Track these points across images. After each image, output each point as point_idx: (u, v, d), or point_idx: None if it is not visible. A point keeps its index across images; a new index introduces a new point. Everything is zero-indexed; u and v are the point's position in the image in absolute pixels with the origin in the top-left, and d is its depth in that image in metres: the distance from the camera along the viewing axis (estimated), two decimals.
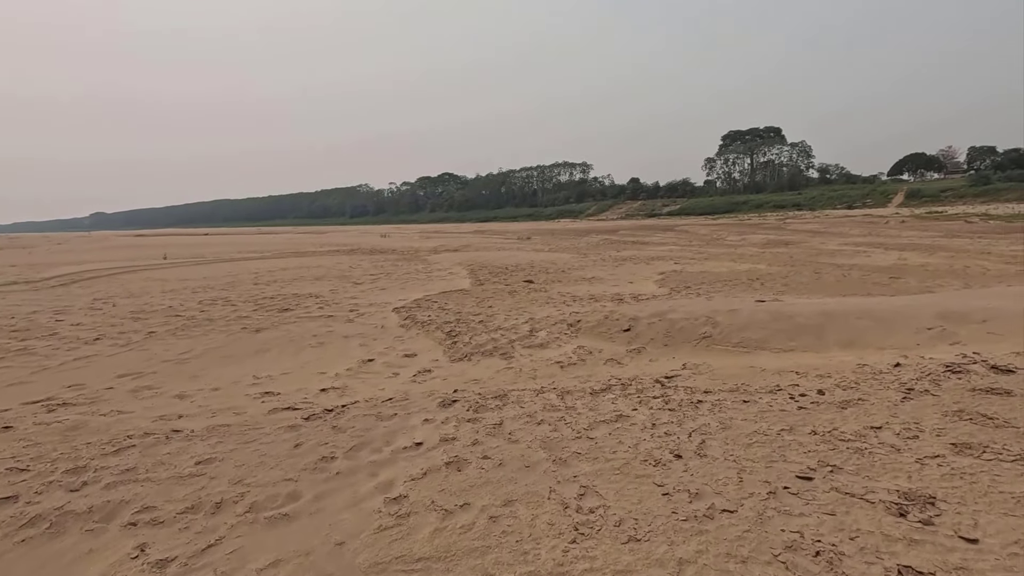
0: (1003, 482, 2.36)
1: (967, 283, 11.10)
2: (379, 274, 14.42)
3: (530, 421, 3.60)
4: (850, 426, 3.10)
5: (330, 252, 25.00)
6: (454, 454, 3.13)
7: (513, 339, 6.89)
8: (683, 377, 4.77)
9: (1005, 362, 4.06)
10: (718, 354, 5.83)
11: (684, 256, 18.81)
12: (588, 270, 14.97)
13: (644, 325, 6.71)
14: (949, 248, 20.00)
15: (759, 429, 3.15)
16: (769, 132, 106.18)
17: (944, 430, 2.92)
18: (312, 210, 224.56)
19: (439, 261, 18.32)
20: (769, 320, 6.12)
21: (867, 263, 15.17)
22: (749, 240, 31.24)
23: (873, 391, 3.70)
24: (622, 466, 2.81)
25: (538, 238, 38.21)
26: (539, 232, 52.27)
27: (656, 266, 15.81)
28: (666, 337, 6.38)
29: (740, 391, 4.00)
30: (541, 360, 6.06)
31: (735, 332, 6.09)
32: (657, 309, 7.04)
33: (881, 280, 11.63)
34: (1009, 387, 3.49)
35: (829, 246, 23.50)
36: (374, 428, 3.70)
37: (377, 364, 6.24)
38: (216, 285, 12.15)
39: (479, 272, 14.55)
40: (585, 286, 11.85)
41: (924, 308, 5.56)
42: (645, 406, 3.78)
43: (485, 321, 7.82)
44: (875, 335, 5.41)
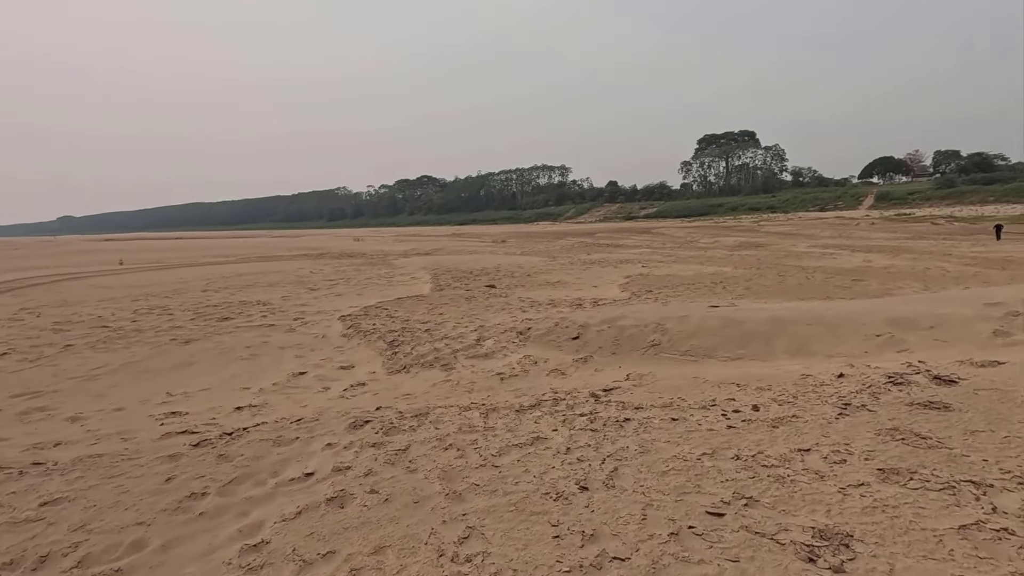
0: (926, 516, 2.11)
1: (926, 285, 11.11)
2: (339, 279, 13.95)
3: (439, 446, 3.27)
4: (777, 448, 2.84)
5: (297, 256, 24.37)
6: (341, 487, 2.78)
7: (458, 349, 6.56)
8: (621, 390, 4.49)
9: (948, 372, 3.86)
10: (665, 363, 5.57)
11: (653, 259, 18.70)
12: (555, 274, 14.72)
13: (593, 333, 6.43)
14: (913, 250, 20.25)
15: (680, 453, 2.87)
16: (744, 136, 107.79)
17: (874, 453, 2.67)
18: (289, 213, 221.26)
19: (405, 265, 17.90)
20: (719, 327, 5.89)
21: (832, 265, 15.20)
22: (721, 242, 31.44)
23: (809, 406, 3.46)
24: (520, 501, 2.49)
25: (513, 241, 37.97)
26: (516, 235, 52.05)
27: (624, 269, 15.63)
28: (614, 345, 6.11)
29: (673, 407, 3.73)
30: (482, 371, 5.74)
31: (684, 340, 5.85)
32: (608, 316, 6.77)
33: (843, 283, 11.59)
34: (948, 400, 3.28)
35: (798, 248, 23.68)
36: (267, 456, 3.33)
37: (308, 377, 5.84)
38: (161, 292, 11.57)
39: (442, 277, 14.19)
40: (548, 291, 11.58)
41: (874, 314, 5.39)
42: (568, 426, 3.48)
43: (432, 330, 7.47)
44: (824, 343, 5.21)
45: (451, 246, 31.43)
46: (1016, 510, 2.11)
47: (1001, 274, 12.40)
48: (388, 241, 43.30)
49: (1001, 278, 11.79)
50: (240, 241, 54.61)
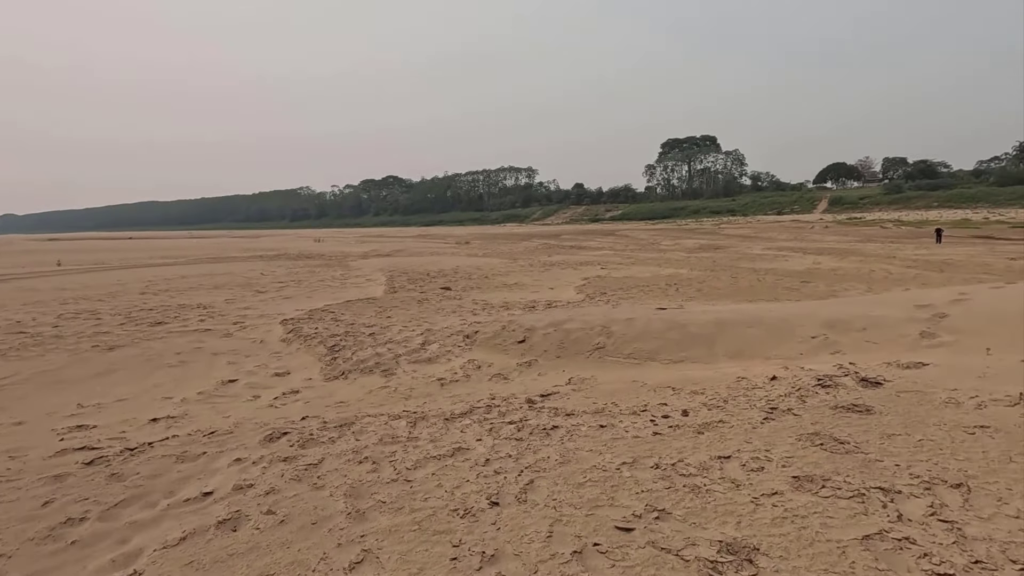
0: (833, 526, 2.06)
1: (870, 286, 11.48)
2: (289, 282, 13.49)
3: (354, 459, 3.09)
4: (699, 456, 2.77)
5: (251, 258, 23.58)
6: (237, 508, 2.57)
7: (401, 353, 6.35)
8: (559, 395, 4.39)
9: (875, 373, 3.91)
10: (609, 366, 5.52)
11: (613, 261, 18.82)
12: (513, 276, 14.62)
13: (540, 336, 6.34)
14: (861, 252, 21.02)
15: (601, 463, 2.77)
16: (705, 140, 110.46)
17: (792, 459, 2.63)
18: (250, 214, 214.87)
19: (362, 267, 17.49)
20: (663, 330, 5.88)
21: (784, 267, 15.60)
22: (682, 245, 32.02)
23: (738, 411, 3.42)
24: (425, 519, 2.34)
25: (478, 243, 37.77)
26: (481, 236, 51.83)
27: (583, 271, 15.66)
28: (560, 348, 6.03)
29: (604, 413, 3.64)
30: (423, 377, 5.57)
31: (628, 343, 5.81)
32: (555, 319, 6.69)
33: (792, 284, 11.87)
34: (871, 403, 3.29)
35: (754, 250, 24.28)
36: (165, 473, 3.07)
37: (239, 385, 5.54)
38: (94, 295, 10.92)
39: (397, 278, 13.90)
40: (503, 293, 11.46)
41: (811, 316, 5.46)
42: (493, 435, 3.35)
43: (377, 334, 7.24)
44: (763, 345, 5.25)
45: (413, 247, 31.01)
46: (920, 517, 2.08)
47: (939, 276, 12.94)
48: (350, 242, 42.45)
49: (938, 280, 12.30)
50: (195, 242, 52.67)
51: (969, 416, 2.97)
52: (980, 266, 14.63)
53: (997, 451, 2.55)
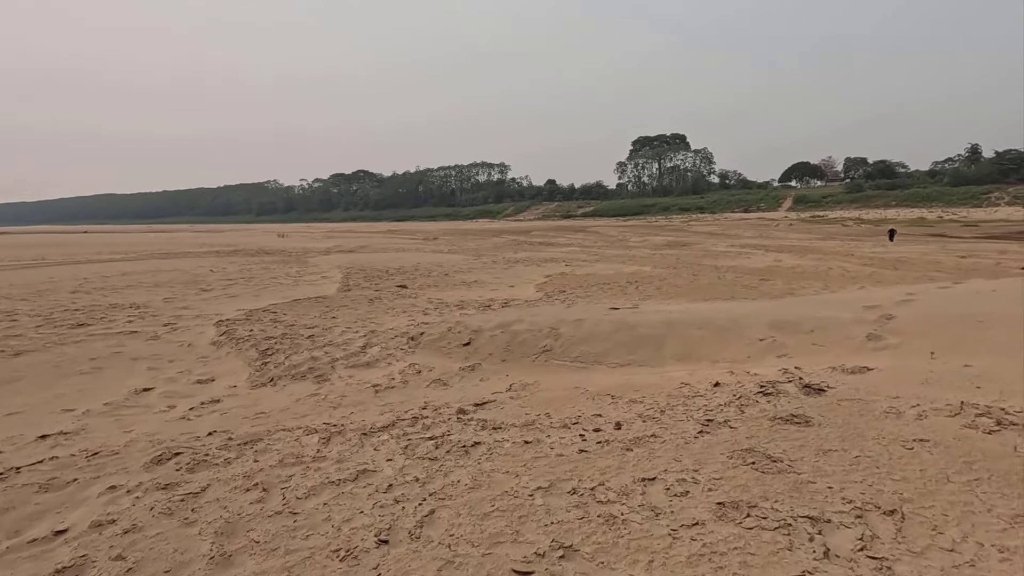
0: (753, 564, 1.83)
1: (826, 284, 11.57)
2: (239, 279, 12.87)
3: (243, 485, 2.74)
4: (622, 478, 2.52)
5: (206, 253, 22.62)
6: (84, 552, 2.20)
7: (338, 357, 5.98)
8: (493, 405, 4.11)
9: (819, 379, 3.74)
10: (554, 370, 5.27)
11: (579, 258, 18.67)
12: (475, 273, 14.29)
13: (486, 338, 6.04)
14: (821, 250, 21.40)
15: (514, 488, 2.49)
16: (675, 138, 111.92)
17: (720, 481, 2.40)
18: (214, 207, 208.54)
19: (320, 264, 16.90)
20: (612, 331, 5.65)
21: (745, 265, 15.69)
22: (650, 241, 32.19)
23: (673, 423, 3.20)
24: (298, 564, 2.02)
25: (446, 239, 37.26)
26: (451, 232, 51.28)
27: (546, 268, 15.44)
28: (505, 352, 5.75)
29: (534, 426, 3.37)
30: (358, 383, 5.21)
31: (576, 345, 5.57)
32: (503, 320, 6.40)
33: (751, 282, 11.87)
34: (810, 414, 3.10)
35: (719, 247, 24.51)
36: (20, 506, 2.67)
37: (154, 395, 5.09)
38: (18, 294, 10.15)
39: (354, 276, 13.42)
40: (461, 291, 11.13)
41: (760, 317, 5.31)
42: (408, 453, 3.04)
43: (318, 335, 6.84)
44: (711, 347, 5.07)
45: (379, 243, 30.34)
46: (848, 552, 1.86)
47: (893, 274, 13.16)
48: (315, 237, 41.36)
49: (893, 277, 12.50)
50: (152, 236, 50.61)
51: (909, 428, 2.80)
52: (932, 264, 14.98)
53: (934, 469, 2.37)
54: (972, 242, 26.79)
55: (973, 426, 2.74)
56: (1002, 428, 2.69)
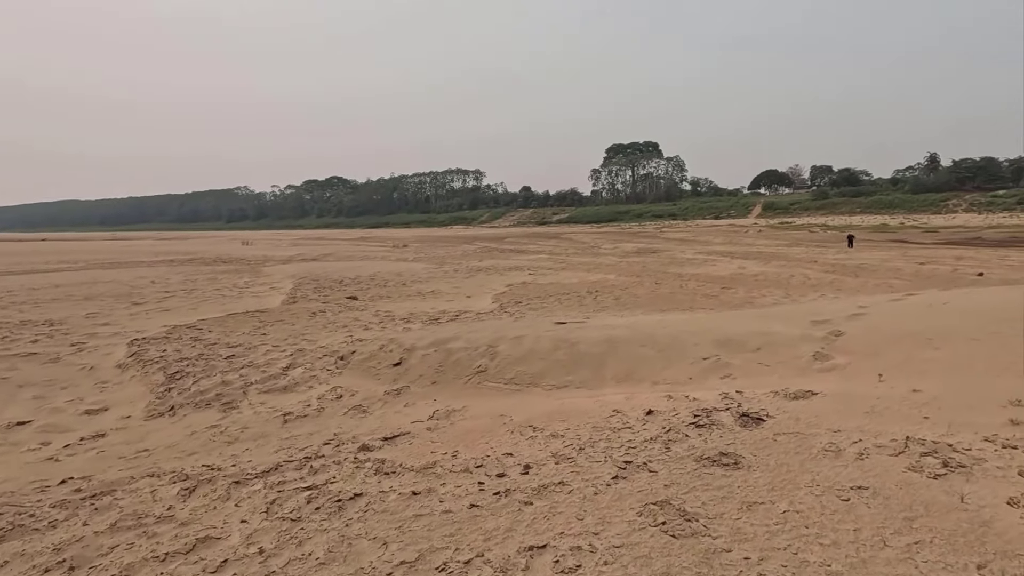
0: None
1: (787, 292, 11.43)
2: (178, 291, 12.12)
3: (45, 564, 2.22)
4: (508, 547, 2.09)
5: (159, 262, 21.60)
6: None
7: (254, 381, 5.44)
8: (405, 439, 3.65)
9: (759, 406, 3.39)
10: (486, 394, 4.83)
11: (545, 266, 18.34)
12: (434, 282, 13.80)
13: (418, 358, 5.58)
14: (786, 257, 21.51)
15: (372, 563, 2.04)
16: (648, 146, 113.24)
17: (620, 550, 1.99)
18: (182, 214, 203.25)
19: (274, 274, 16.18)
20: (551, 350, 5.25)
21: (709, 273, 15.54)
22: (621, 248, 32.14)
23: (588, 465, 2.79)
24: None
25: (416, 246, 36.64)
26: (423, 239, 50.60)
27: (509, 277, 15.04)
28: (437, 372, 5.29)
29: (432, 471, 2.93)
30: (268, 411, 4.69)
31: (512, 365, 5.14)
32: (439, 337, 5.95)
33: (712, 291, 11.66)
34: (743, 452, 2.73)
35: (687, 254, 24.49)
36: None
37: (30, 429, 4.48)
38: None
39: (304, 287, 12.79)
40: (414, 303, 10.64)
41: (707, 333, 4.97)
42: (270, 512, 2.56)
43: (238, 355, 6.27)
44: (653, 367, 4.70)
45: (346, 251, 29.57)
46: None
47: (854, 281, 13.14)
48: (281, 245, 40.28)
49: (853, 285, 12.45)
50: (110, 244, 48.68)
51: (847, 471, 2.44)
52: (891, 271, 15.06)
53: (871, 528, 2.00)
54: (931, 248, 27.36)
55: (918, 468, 2.39)
56: (948, 471, 2.34)
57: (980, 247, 27.79)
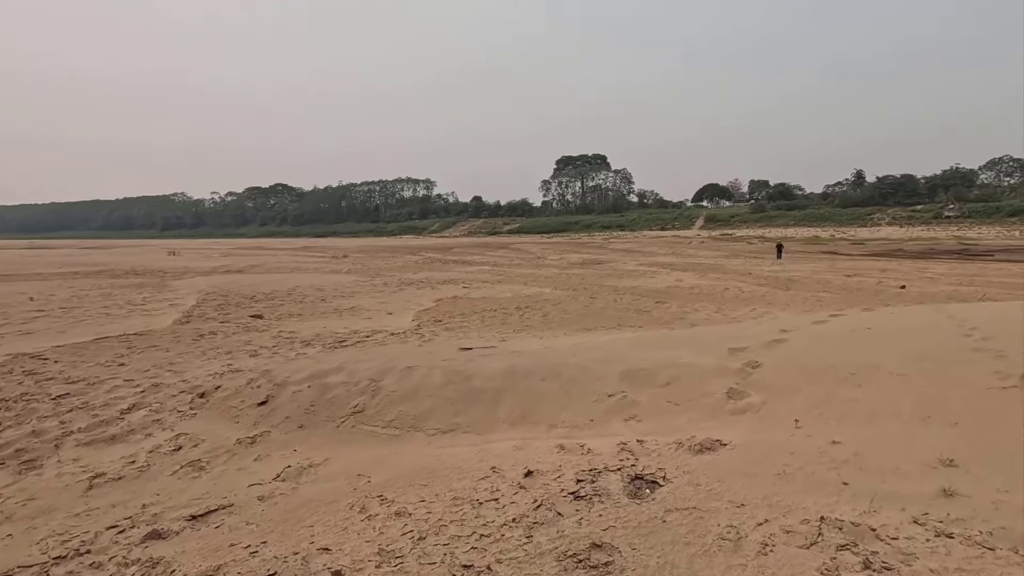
0: None
1: (720, 307, 11.19)
2: (56, 309, 10.64)
3: None
4: None
5: (56, 275, 19.46)
6: None
7: (78, 428, 4.42)
8: (213, 520, 2.84)
9: (658, 464, 2.79)
10: (358, 440, 4.05)
11: (482, 279, 17.66)
12: (358, 297, 12.83)
13: (288, 395, 4.73)
14: (724, 269, 21.74)
15: None
16: (596, 159, 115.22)
17: None
18: (111, 221, 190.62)
19: (181, 288, 14.73)
20: (443, 384, 4.52)
21: (647, 286, 15.29)
22: (567, 259, 31.98)
23: (419, 568, 2.06)
24: None
25: (357, 256, 35.22)
26: (368, 249, 48.98)
27: (442, 291, 14.25)
28: (307, 414, 4.46)
29: None
30: (79, 471, 3.74)
31: (395, 403, 4.38)
32: (317, 370, 5.11)
33: (646, 305, 11.29)
34: (620, 543, 2.09)
35: (629, 266, 24.43)
36: None
37: None
38: None
39: (208, 303, 11.56)
40: (326, 321, 9.68)
41: (617, 362, 4.38)
42: None
43: (74, 394, 5.21)
44: (553, 406, 4.05)
45: (277, 262, 27.92)
46: None
47: (784, 294, 13.14)
48: (210, 255, 37.83)
49: (783, 298, 12.41)
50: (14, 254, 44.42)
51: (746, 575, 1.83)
52: (821, 283, 15.26)
53: None
54: (859, 260, 28.55)
55: (832, 570, 1.81)
56: (871, 574, 1.77)
57: (902, 259, 29.28)
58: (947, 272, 18.61)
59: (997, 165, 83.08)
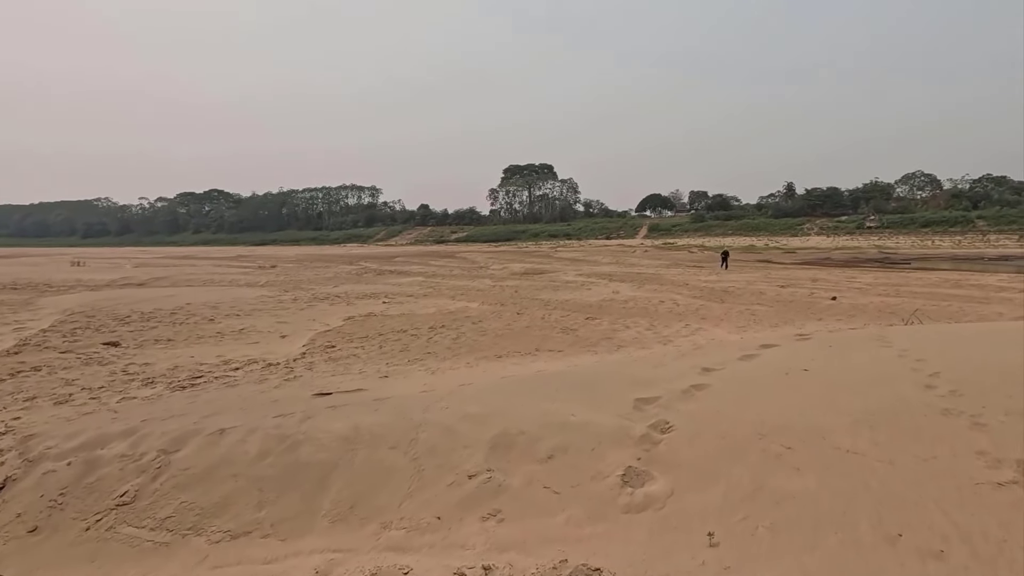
0: None
1: (652, 323, 10.43)
2: None
3: None
4: None
5: None
6: None
7: None
8: None
9: None
10: (109, 554, 2.79)
11: (409, 292, 16.36)
12: (255, 316, 11.27)
13: (37, 477, 3.35)
14: (662, 279, 21.32)
15: None
16: (543, 168, 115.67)
17: None
18: (25, 228, 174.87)
19: (48, 306, 12.63)
20: (256, 457, 3.30)
21: (581, 299, 14.45)
22: (510, 268, 31.02)
23: None
24: None
25: (288, 267, 32.94)
26: (304, 258, 46.41)
27: (358, 307, 12.86)
28: (51, 508, 3.12)
29: None
30: None
31: (180, 490, 3.12)
32: (98, 435, 3.75)
33: (574, 323, 10.37)
34: None
35: (569, 276, 23.71)
36: None
37: None
38: None
39: (65, 326, 9.72)
40: (201, 348, 8.17)
41: (488, 424, 3.29)
42: None
43: None
44: (395, 491, 2.92)
45: (191, 274, 25.49)
46: None
47: (719, 307, 12.59)
48: (122, 266, 34.47)
49: (718, 312, 11.83)
50: None
51: None
52: (755, 295, 14.91)
53: None
54: (791, 268, 29.12)
55: None
56: None
57: (831, 267, 30.13)
58: (873, 282, 18.86)
59: (911, 180, 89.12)
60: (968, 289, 16.04)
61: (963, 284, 17.75)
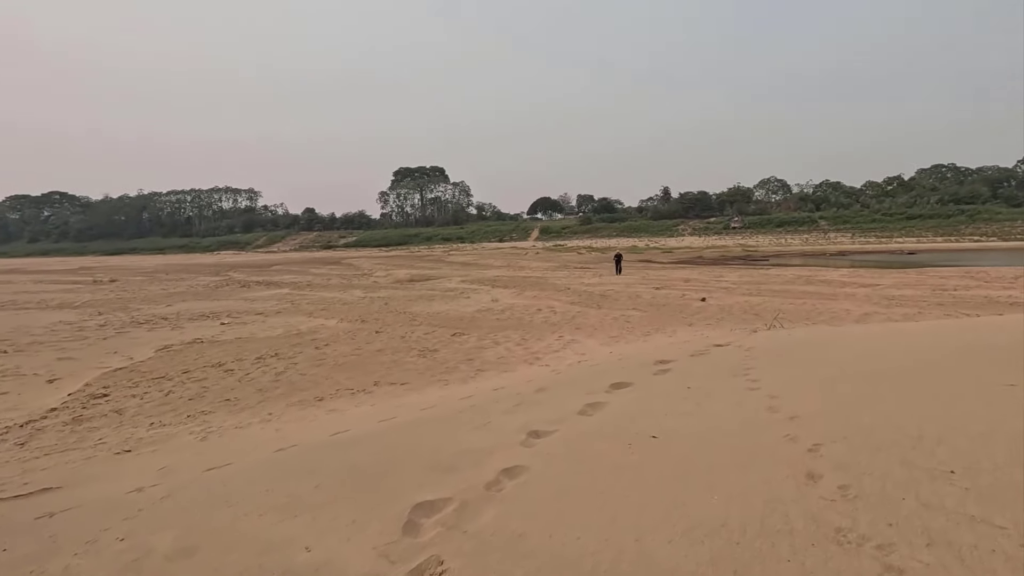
0: None
1: (524, 337, 9.63)
2: None
3: None
4: None
5: None
6: None
7: None
8: None
9: None
10: None
11: (256, 310, 14.24)
12: (31, 351, 8.83)
13: None
14: (546, 284, 20.94)
15: None
16: (435, 171, 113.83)
17: None
18: None
19: None
20: None
21: (455, 310, 13.38)
22: (395, 275, 29.22)
23: None
24: None
25: (134, 279, 28.37)
26: (163, 269, 40.81)
27: (185, 332, 10.71)
28: None
29: None
30: None
31: None
32: None
33: (436, 341, 9.25)
34: None
35: (452, 283, 22.61)
36: None
37: None
38: None
39: None
40: None
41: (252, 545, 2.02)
42: None
43: None
44: None
45: None
46: None
47: (596, 314, 12.18)
48: None
49: (594, 320, 11.36)
50: None
51: None
52: (632, 299, 14.82)
53: None
54: (668, 268, 30.48)
55: None
56: None
57: (702, 266, 32.02)
58: (739, 280, 19.90)
59: (767, 184, 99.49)
60: (818, 286, 17.31)
61: (813, 280, 19.24)
